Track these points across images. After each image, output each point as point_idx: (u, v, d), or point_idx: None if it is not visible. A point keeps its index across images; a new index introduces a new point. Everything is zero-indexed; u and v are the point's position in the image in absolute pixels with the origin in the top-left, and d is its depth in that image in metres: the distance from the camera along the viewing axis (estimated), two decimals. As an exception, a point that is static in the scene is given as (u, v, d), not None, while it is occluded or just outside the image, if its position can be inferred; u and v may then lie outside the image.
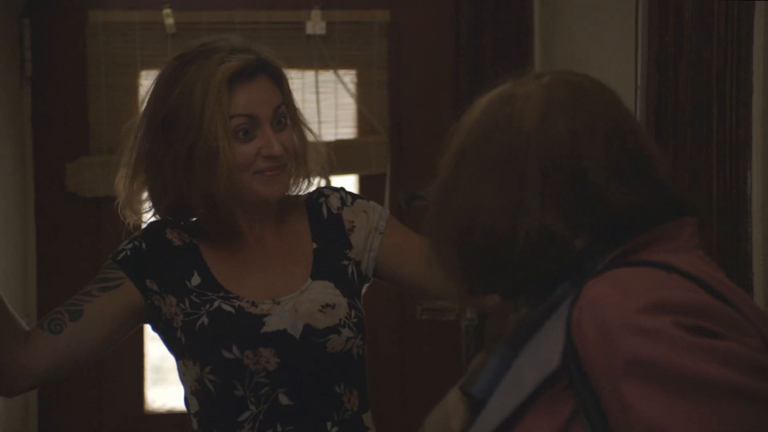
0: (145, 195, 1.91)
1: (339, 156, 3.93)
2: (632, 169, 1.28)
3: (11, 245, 3.63)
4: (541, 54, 3.62)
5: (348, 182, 3.95)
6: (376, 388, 2.01)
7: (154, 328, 1.94)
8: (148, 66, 3.74)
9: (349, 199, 2.01)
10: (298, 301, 1.88)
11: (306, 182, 1.96)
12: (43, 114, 3.80)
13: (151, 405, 3.88)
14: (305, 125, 1.95)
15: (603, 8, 2.81)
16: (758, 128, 1.82)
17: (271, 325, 1.85)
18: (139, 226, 1.96)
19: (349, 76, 3.92)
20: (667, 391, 1.13)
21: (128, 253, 1.91)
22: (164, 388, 3.90)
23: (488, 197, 1.29)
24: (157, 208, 1.90)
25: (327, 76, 3.88)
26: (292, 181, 1.93)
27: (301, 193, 1.99)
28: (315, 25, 3.86)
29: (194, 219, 1.92)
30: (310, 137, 1.96)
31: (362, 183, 3.94)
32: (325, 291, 1.90)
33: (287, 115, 1.89)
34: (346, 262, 1.94)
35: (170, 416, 3.84)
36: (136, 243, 1.91)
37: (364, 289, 1.99)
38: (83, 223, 3.80)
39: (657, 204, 1.29)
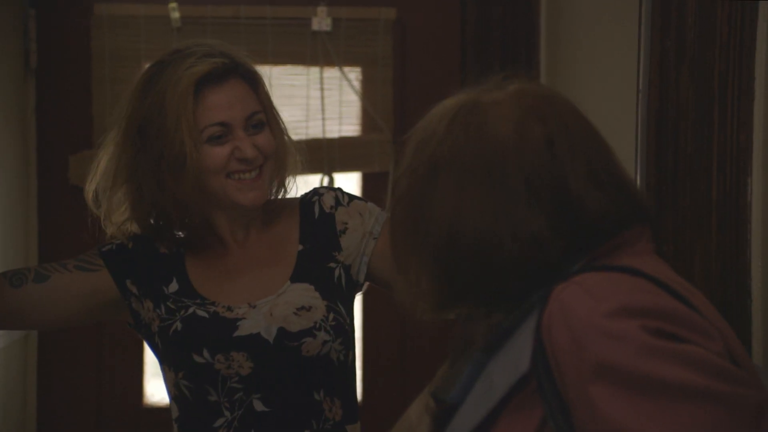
0: (124, 206, 1.89)
1: (342, 153, 3.95)
2: (606, 176, 1.30)
3: (13, 237, 3.63)
4: (547, 53, 3.62)
5: (351, 179, 3.94)
6: (377, 388, 1.98)
7: (137, 330, 1.93)
8: (153, 60, 3.72)
9: (346, 198, 1.94)
10: (275, 304, 1.84)
11: (283, 185, 1.93)
12: (48, 106, 3.81)
13: (150, 399, 3.88)
14: (284, 130, 1.92)
15: (607, 10, 2.81)
16: (759, 134, 1.81)
17: (244, 328, 1.82)
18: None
19: (354, 74, 3.91)
20: (633, 394, 1.15)
21: (113, 247, 1.90)
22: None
23: (471, 206, 1.28)
24: (137, 218, 1.88)
25: (332, 72, 3.88)
26: (272, 184, 1.89)
27: (293, 195, 1.97)
28: (321, 21, 3.85)
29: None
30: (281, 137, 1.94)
31: (365, 180, 3.94)
32: (303, 294, 1.85)
33: (265, 121, 1.86)
34: (332, 265, 1.89)
35: (169, 410, 3.84)
36: (124, 241, 1.91)
37: (357, 295, 1.96)
38: (85, 216, 3.80)
39: (625, 210, 1.31)
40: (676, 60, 2.12)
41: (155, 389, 3.87)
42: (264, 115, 1.86)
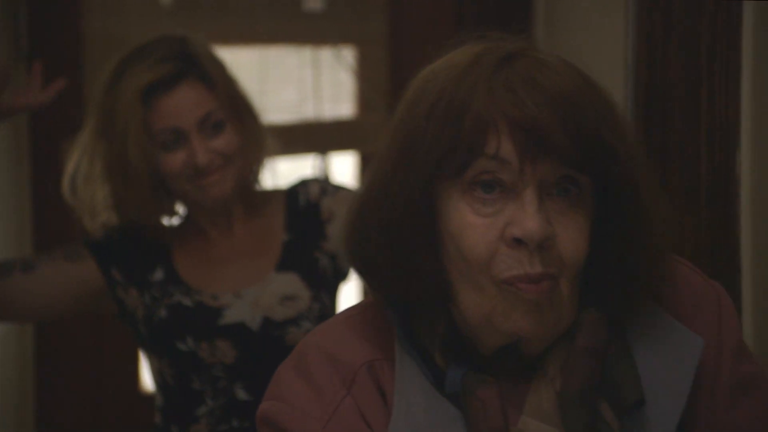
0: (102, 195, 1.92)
1: (338, 133, 3.92)
2: None
3: (6, 221, 3.62)
4: (543, 31, 3.59)
5: (346, 160, 3.93)
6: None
7: (122, 320, 1.93)
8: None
9: (331, 188, 1.95)
10: (260, 293, 1.84)
11: (258, 173, 1.92)
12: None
13: (148, 386, 3.87)
14: (255, 119, 1.89)
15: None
16: (747, 108, 1.80)
17: (229, 317, 1.83)
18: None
19: (348, 53, 3.89)
20: None
21: (100, 236, 1.91)
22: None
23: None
24: (116, 211, 1.90)
25: (325, 52, 3.86)
26: (239, 178, 1.87)
27: (275, 180, 1.97)
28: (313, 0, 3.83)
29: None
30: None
31: (361, 161, 3.92)
32: (288, 283, 1.85)
33: (224, 119, 1.84)
34: (318, 254, 1.89)
35: (167, 395, 3.84)
36: (110, 232, 1.92)
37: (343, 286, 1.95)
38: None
39: None
40: (664, 34, 2.10)
41: (153, 374, 3.88)
42: (223, 113, 1.83)
